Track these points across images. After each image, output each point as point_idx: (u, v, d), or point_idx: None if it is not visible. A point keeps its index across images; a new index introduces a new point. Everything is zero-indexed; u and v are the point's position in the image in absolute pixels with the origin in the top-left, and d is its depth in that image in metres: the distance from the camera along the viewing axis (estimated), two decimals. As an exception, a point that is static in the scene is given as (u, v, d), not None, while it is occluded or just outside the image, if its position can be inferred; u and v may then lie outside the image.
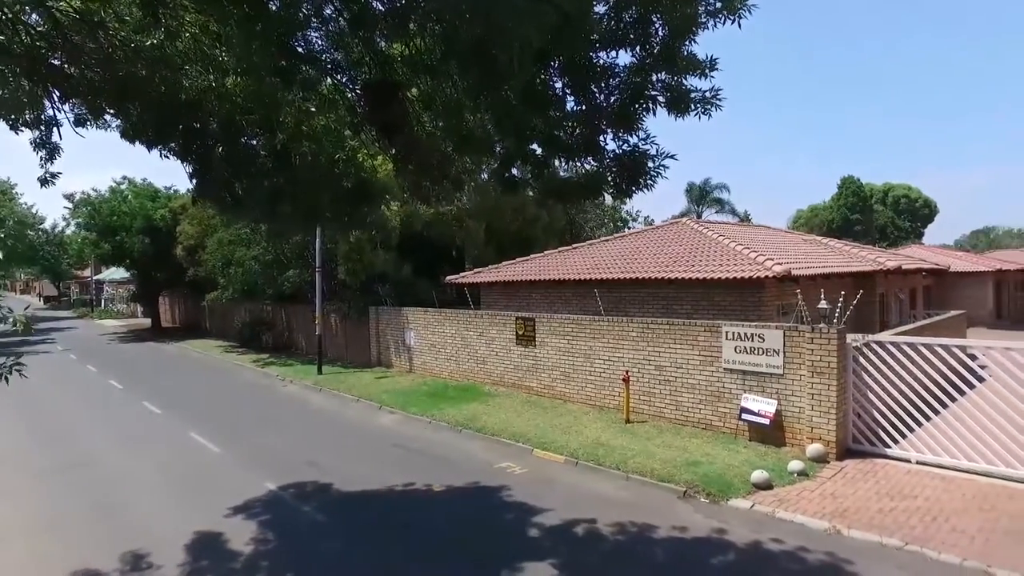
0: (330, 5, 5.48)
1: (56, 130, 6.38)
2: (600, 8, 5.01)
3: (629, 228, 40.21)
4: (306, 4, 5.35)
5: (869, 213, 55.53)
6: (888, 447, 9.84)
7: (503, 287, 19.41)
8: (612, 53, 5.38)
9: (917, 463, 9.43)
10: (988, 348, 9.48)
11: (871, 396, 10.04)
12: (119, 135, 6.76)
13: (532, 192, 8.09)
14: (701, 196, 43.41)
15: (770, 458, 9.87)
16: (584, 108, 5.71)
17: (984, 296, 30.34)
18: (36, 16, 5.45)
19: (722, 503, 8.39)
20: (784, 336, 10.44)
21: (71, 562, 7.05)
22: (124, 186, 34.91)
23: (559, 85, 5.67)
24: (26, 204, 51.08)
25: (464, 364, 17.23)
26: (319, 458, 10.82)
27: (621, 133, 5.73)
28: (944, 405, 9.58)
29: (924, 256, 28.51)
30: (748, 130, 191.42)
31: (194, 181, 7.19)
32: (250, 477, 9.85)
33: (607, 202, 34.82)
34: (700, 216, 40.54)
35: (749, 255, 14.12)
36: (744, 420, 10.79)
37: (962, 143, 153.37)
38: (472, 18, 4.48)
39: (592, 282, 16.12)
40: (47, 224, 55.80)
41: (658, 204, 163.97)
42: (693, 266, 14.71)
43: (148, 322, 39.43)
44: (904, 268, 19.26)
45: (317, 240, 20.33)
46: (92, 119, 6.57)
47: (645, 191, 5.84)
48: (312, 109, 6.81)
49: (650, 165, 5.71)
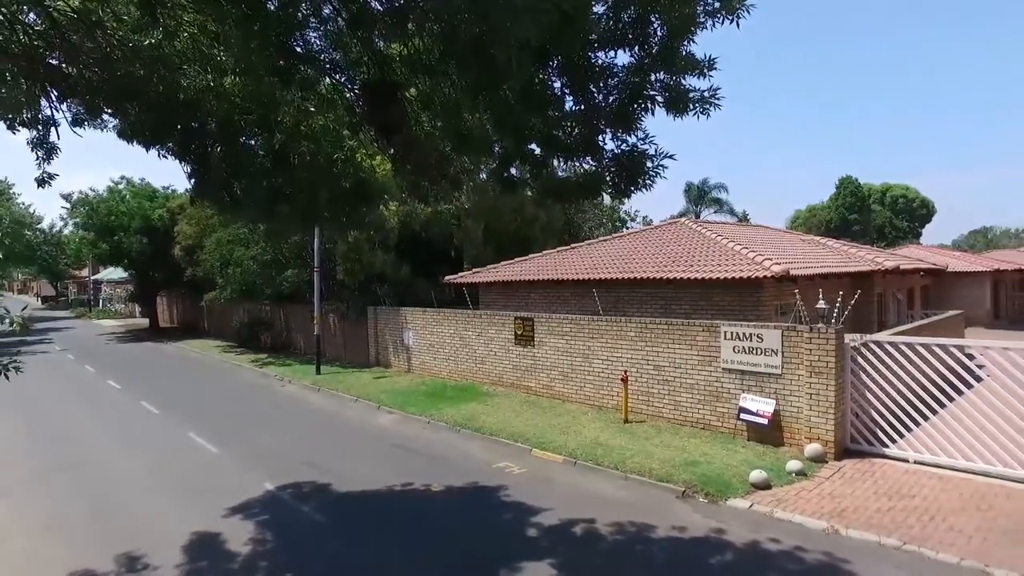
0: (328, 5, 5.47)
1: (54, 130, 6.37)
2: (599, 8, 5.02)
3: (627, 228, 40.25)
4: (304, 4, 5.35)
5: (867, 213, 55.65)
6: (886, 447, 9.85)
7: (502, 287, 19.41)
8: (611, 53, 5.39)
9: (915, 463, 9.45)
10: (986, 348, 9.50)
11: (869, 396, 10.06)
12: (116, 135, 6.75)
13: (531, 192, 8.10)
14: (699, 196, 43.48)
15: (768, 458, 9.88)
16: (583, 108, 5.71)
17: (982, 296, 30.41)
18: (34, 15, 5.44)
19: (720, 503, 8.40)
20: (782, 336, 10.45)
21: (69, 562, 7.04)
22: (122, 186, 34.88)
23: (558, 85, 5.67)
24: (23, 204, 51.00)
25: (463, 364, 17.23)
26: (318, 458, 10.82)
27: (620, 133, 5.73)
28: (942, 405, 9.60)
29: (922, 256, 28.55)
30: (747, 130, 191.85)
31: (192, 181, 7.17)
32: (248, 477, 9.84)
33: (605, 202, 34.84)
34: (698, 216, 40.60)
35: (747, 255, 14.14)
36: (742, 420, 10.80)
37: (960, 143, 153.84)
38: (471, 17, 4.48)
39: (590, 282, 16.13)
40: (45, 224, 55.66)
41: (656, 204, 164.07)
42: (692, 266, 14.72)
43: (146, 322, 39.40)
44: (902, 268, 19.30)
45: (315, 240, 20.32)
46: (90, 119, 6.55)
47: (644, 191, 5.84)
48: (311, 109, 6.80)
49: (649, 165, 5.71)
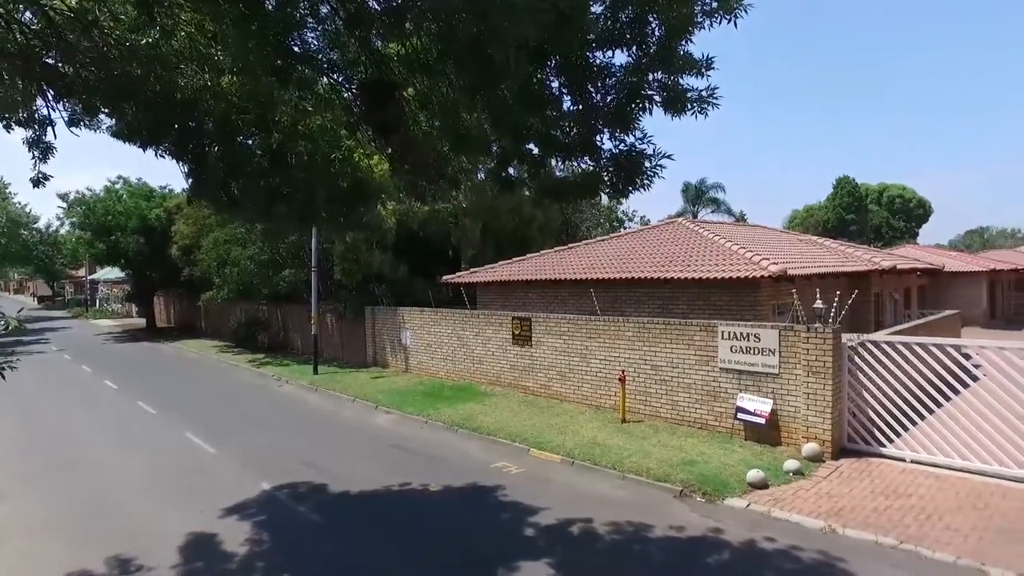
0: (326, 4, 5.47)
1: (51, 129, 6.36)
2: (597, 8, 5.01)
3: (625, 228, 40.28)
4: (302, 3, 5.34)
5: (864, 213, 55.79)
6: (883, 446, 9.88)
7: (499, 287, 19.40)
8: (608, 53, 5.39)
9: (912, 462, 9.48)
10: (982, 347, 9.53)
11: (866, 395, 10.08)
12: (110, 136, 6.74)
13: (528, 192, 8.08)
14: (697, 196, 43.51)
15: (766, 457, 9.90)
16: (581, 108, 5.71)
17: (978, 296, 30.50)
18: (30, 14, 5.42)
19: (718, 502, 8.41)
20: (780, 336, 10.47)
21: (65, 563, 7.02)
22: (119, 185, 34.79)
23: (556, 85, 5.66)
24: (20, 203, 50.87)
25: (460, 364, 17.22)
26: (315, 458, 10.80)
27: (618, 133, 5.73)
28: (938, 404, 9.62)
29: (919, 256, 28.62)
30: (744, 130, 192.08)
31: (190, 181, 7.16)
32: (245, 477, 9.83)
33: (603, 202, 34.89)
34: (696, 216, 40.62)
35: (745, 255, 14.15)
36: (740, 419, 10.82)
37: (957, 144, 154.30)
38: (468, 17, 4.48)
39: (588, 282, 16.13)
40: (41, 224, 55.56)
41: (654, 204, 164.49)
42: (689, 266, 14.74)
43: (143, 322, 39.30)
44: (899, 268, 19.35)
45: (313, 240, 20.30)
46: (86, 118, 6.54)
47: (642, 191, 5.84)
48: (308, 108, 6.79)
49: (647, 165, 5.71)
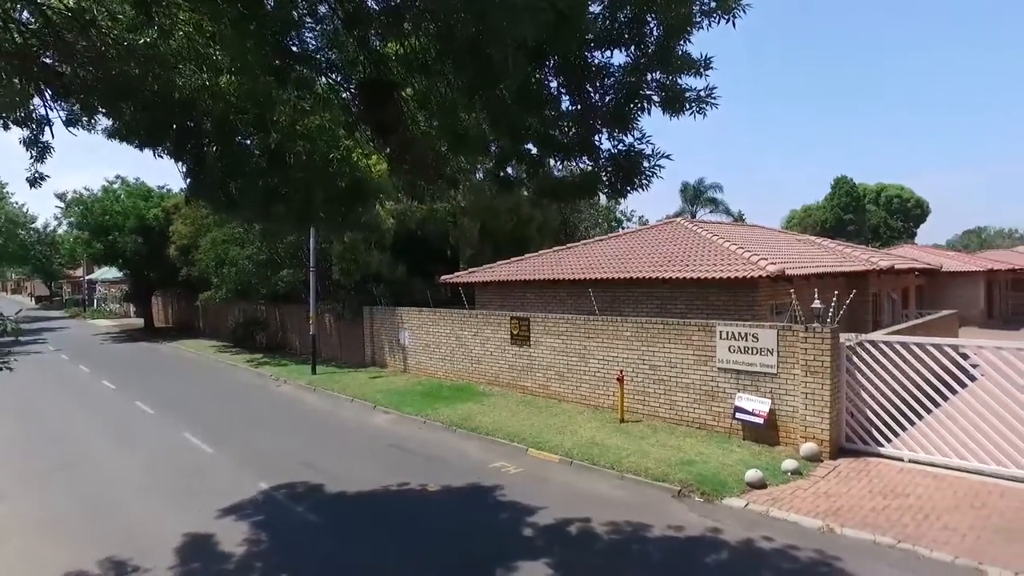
0: (325, 4, 5.46)
1: (48, 129, 6.34)
2: (595, 7, 5.01)
3: (623, 228, 40.31)
4: (301, 3, 5.33)
5: (862, 213, 55.88)
6: (881, 446, 9.90)
7: (498, 287, 19.40)
8: (607, 52, 5.37)
9: (910, 462, 9.50)
10: (979, 347, 9.55)
11: (864, 395, 10.09)
12: (107, 136, 6.71)
13: (527, 191, 8.07)
14: (695, 196, 43.54)
15: (764, 457, 9.91)
16: (579, 108, 5.70)
17: (976, 296, 30.56)
18: (27, 13, 5.41)
19: (716, 502, 8.42)
20: (778, 335, 10.48)
21: (64, 563, 7.01)
22: (117, 185, 34.71)
23: (554, 85, 5.65)
24: (17, 203, 50.82)
25: (459, 364, 17.22)
26: (313, 458, 10.80)
27: (616, 133, 5.72)
28: (936, 404, 9.64)
29: (916, 256, 28.68)
30: (743, 130, 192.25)
31: (188, 180, 7.14)
32: (243, 477, 9.82)
33: (602, 202, 34.88)
34: (694, 216, 40.64)
35: (743, 255, 14.17)
36: (738, 419, 10.83)
37: (955, 144, 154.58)
38: (467, 17, 4.47)
39: (587, 282, 16.14)
40: (39, 223, 55.54)
41: (652, 204, 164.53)
42: (687, 266, 14.75)
43: (141, 322, 39.22)
44: (897, 268, 19.38)
45: (311, 240, 20.28)
46: (84, 118, 6.52)
47: (640, 191, 5.84)
48: (307, 108, 6.77)
49: (645, 165, 5.70)
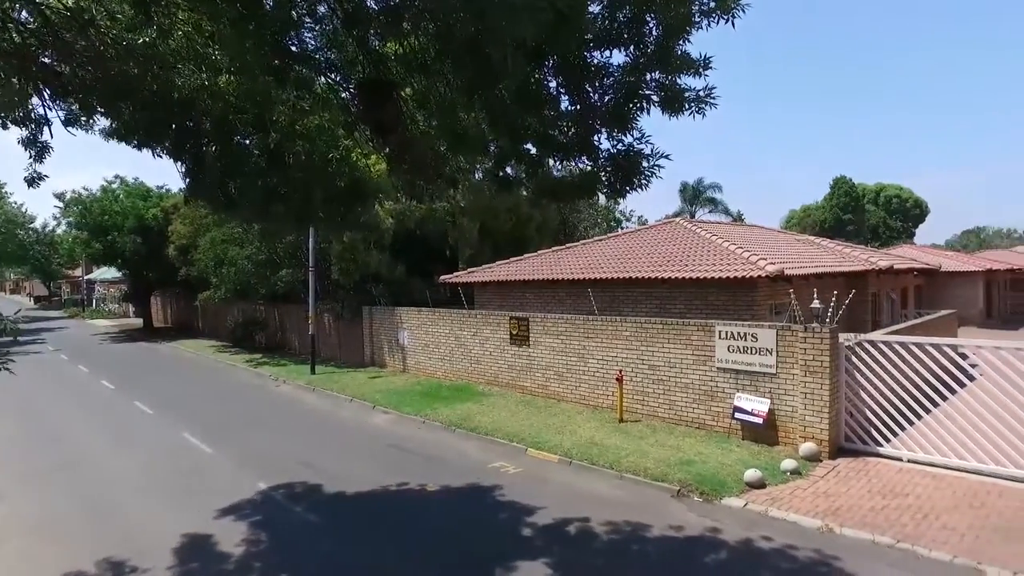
0: (324, 4, 5.46)
1: (47, 128, 6.34)
2: (594, 7, 5.01)
3: (623, 228, 40.30)
4: (300, 3, 5.33)
5: (861, 213, 55.94)
6: (880, 446, 9.90)
7: (497, 287, 19.40)
8: (606, 52, 5.37)
9: (909, 461, 9.50)
10: (978, 347, 9.56)
11: (863, 395, 10.10)
12: (104, 136, 6.70)
13: (526, 191, 8.07)
14: (694, 196, 43.58)
15: (763, 457, 9.91)
16: (578, 107, 5.70)
17: (974, 295, 30.60)
18: (26, 13, 5.40)
19: (715, 502, 8.42)
20: (777, 335, 10.48)
21: (63, 563, 7.00)
22: (116, 185, 34.70)
23: (553, 84, 5.65)
24: (16, 203, 50.82)
25: (458, 364, 17.22)
26: (312, 458, 10.79)
27: (615, 133, 5.72)
28: (935, 404, 9.64)
29: (915, 256, 28.70)
30: (742, 130, 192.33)
31: (187, 180, 7.13)
32: (243, 477, 9.81)
33: (601, 202, 34.87)
34: (693, 216, 40.69)
35: (742, 255, 14.17)
36: (737, 419, 10.83)
37: (953, 144, 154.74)
38: (466, 16, 4.47)
39: (586, 282, 16.14)
40: (37, 223, 55.52)
41: (652, 204, 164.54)
42: (686, 266, 14.75)
43: (140, 322, 39.21)
44: (896, 268, 19.38)
45: (310, 240, 20.27)
46: (83, 118, 6.51)
47: (639, 191, 5.84)
48: (306, 108, 6.77)
49: (644, 165, 5.70)
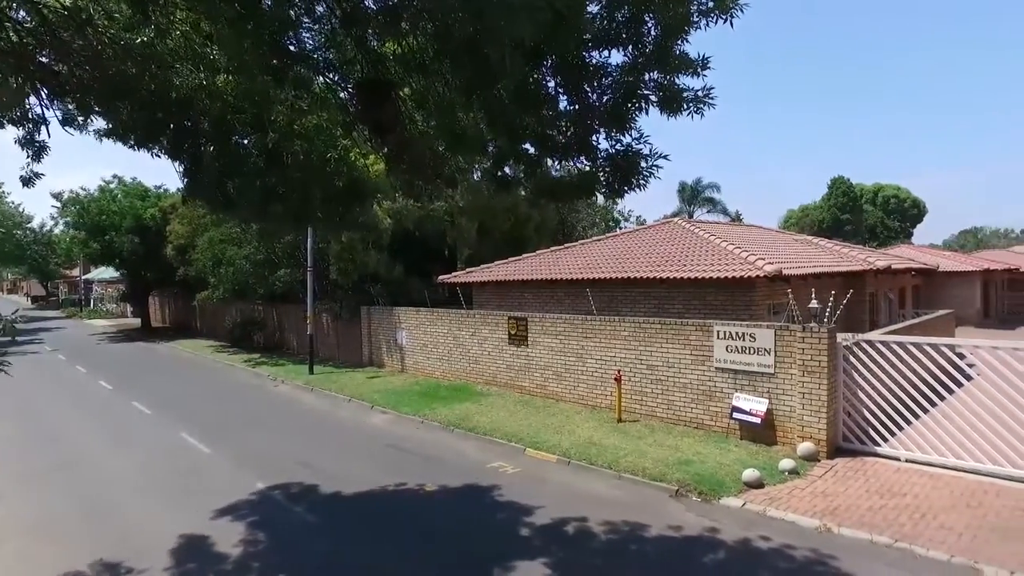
0: (322, 4, 5.45)
1: (44, 128, 6.32)
2: (593, 7, 5.01)
3: (621, 228, 40.33)
4: (298, 3, 5.32)
5: (859, 213, 56.04)
6: (878, 445, 9.91)
7: (495, 287, 19.40)
8: (605, 52, 5.37)
9: (906, 461, 9.52)
10: (976, 347, 9.57)
11: (861, 395, 10.12)
12: (98, 136, 6.68)
13: (525, 191, 8.07)
14: (693, 196, 43.64)
15: (761, 457, 9.93)
16: (577, 107, 5.70)
17: (972, 295, 30.66)
18: (24, 12, 5.39)
19: (714, 502, 8.43)
20: (775, 335, 10.50)
21: (61, 564, 6.99)
22: (113, 185, 34.64)
23: (552, 84, 5.65)
24: (13, 202, 50.69)
25: (456, 364, 17.21)
26: (311, 458, 10.78)
27: (614, 133, 5.72)
28: (933, 404, 9.66)
29: (913, 256, 28.75)
30: (740, 130, 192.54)
31: (185, 180, 7.13)
32: (241, 477, 9.80)
33: (599, 202, 34.90)
34: (692, 216, 40.74)
35: (740, 255, 14.19)
36: (735, 419, 10.84)
37: (951, 144, 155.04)
38: (464, 16, 4.47)
39: (584, 282, 16.14)
40: (35, 223, 55.35)
41: (650, 204, 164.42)
42: (685, 266, 14.76)
43: (138, 322, 39.13)
44: (894, 268, 19.41)
45: (309, 240, 20.25)
46: (80, 118, 6.49)
47: (638, 191, 5.85)
48: (304, 108, 6.76)
49: (643, 165, 5.71)
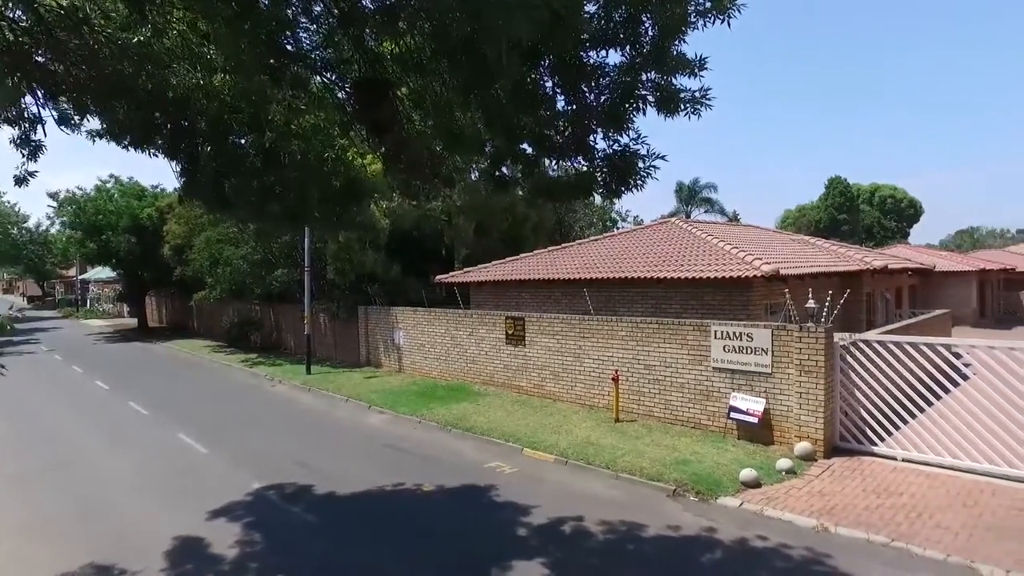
0: (319, 3, 5.44)
1: (40, 127, 6.30)
2: (590, 7, 5.01)
3: (618, 228, 40.36)
4: (295, 2, 5.32)
5: (856, 213, 56.14)
6: (874, 445, 9.94)
7: (493, 286, 19.40)
8: (602, 52, 5.38)
9: (903, 460, 9.54)
10: (972, 347, 9.60)
11: (858, 394, 10.14)
12: (92, 137, 6.66)
13: (522, 191, 8.08)
14: (690, 196, 43.68)
15: (758, 456, 9.94)
16: (574, 107, 5.70)
17: (968, 295, 30.76)
18: (20, 11, 5.37)
19: (711, 501, 8.44)
20: (772, 335, 10.51)
21: (57, 565, 6.96)
22: (110, 184, 34.51)
23: (549, 84, 5.65)
24: (8, 202, 50.48)
25: (454, 364, 17.20)
26: (308, 458, 10.77)
27: (611, 133, 5.73)
28: (929, 403, 9.70)
29: (910, 256, 28.83)
30: (738, 130, 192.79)
31: (182, 180, 7.11)
32: (238, 478, 9.78)
33: (597, 202, 34.95)
34: (689, 216, 40.77)
35: (738, 255, 14.21)
36: (733, 419, 10.86)
37: (948, 145, 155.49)
38: (462, 16, 4.47)
39: (581, 281, 16.15)
40: (31, 223, 55.09)
41: (647, 204, 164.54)
42: (682, 266, 14.78)
43: (135, 322, 39.03)
44: (890, 268, 19.46)
45: (306, 239, 20.22)
46: (76, 117, 6.47)
47: (635, 191, 5.85)
48: (301, 107, 6.75)
49: (640, 165, 5.71)
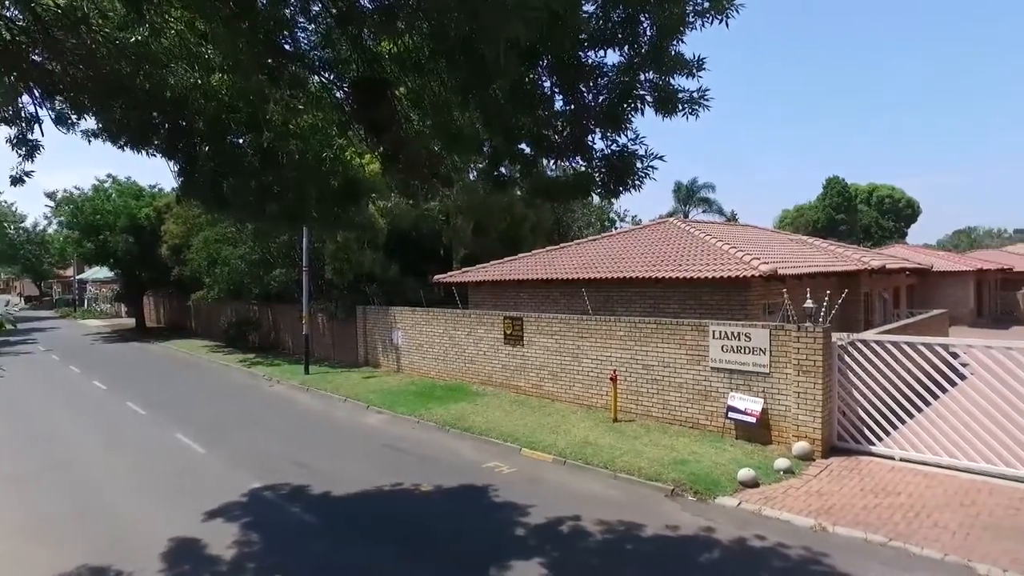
0: (317, 3, 5.44)
1: (38, 127, 6.29)
2: (588, 7, 5.01)
3: (617, 228, 40.38)
4: (293, 2, 5.31)
5: (854, 213, 56.21)
6: (872, 445, 9.95)
7: (491, 286, 19.39)
8: (600, 52, 5.38)
9: (901, 460, 9.56)
10: (969, 346, 9.62)
11: (856, 394, 10.16)
12: (87, 136, 6.65)
13: (520, 191, 8.09)
14: (688, 196, 43.71)
15: (757, 456, 9.95)
16: (572, 107, 5.70)
17: (965, 295, 30.83)
18: (17, 11, 5.36)
19: (709, 501, 8.44)
20: (770, 335, 10.52)
21: (54, 565, 6.94)
22: (108, 184, 34.44)
23: (547, 84, 5.65)
24: (5, 202, 50.42)
25: (452, 364, 17.20)
26: (306, 458, 10.76)
27: (609, 133, 5.73)
28: (927, 403, 9.71)
29: (907, 256, 28.87)
30: (736, 130, 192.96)
31: (180, 180, 7.12)
32: (236, 478, 9.77)
33: (595, 202, 34.95)
34: (687, 216, 40.80)
35: (736, 254, 14.22)
36: (731, 419, 10.87)
37: (946, 144, 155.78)
38: (460, 16, 4.47)
39: (580, 281, 16.16)
40: (28, 222, 55.05)
41: (646, 204, 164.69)
42: (680, 265, 14.79)
43: (132, 322, 38.99)
44: (888, 267, 19.49)
45: (304, 239, 20.20)
46: (73, 117, 6.46)
47: (633, 191, 5.86)
48: (300, 107, 6.75)
49: (638, 165, 5.72)
